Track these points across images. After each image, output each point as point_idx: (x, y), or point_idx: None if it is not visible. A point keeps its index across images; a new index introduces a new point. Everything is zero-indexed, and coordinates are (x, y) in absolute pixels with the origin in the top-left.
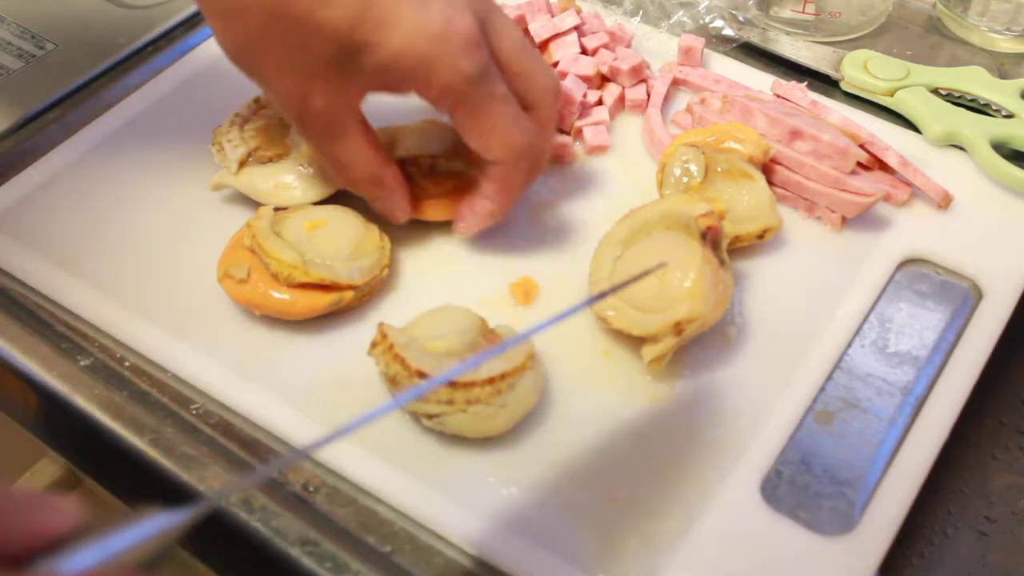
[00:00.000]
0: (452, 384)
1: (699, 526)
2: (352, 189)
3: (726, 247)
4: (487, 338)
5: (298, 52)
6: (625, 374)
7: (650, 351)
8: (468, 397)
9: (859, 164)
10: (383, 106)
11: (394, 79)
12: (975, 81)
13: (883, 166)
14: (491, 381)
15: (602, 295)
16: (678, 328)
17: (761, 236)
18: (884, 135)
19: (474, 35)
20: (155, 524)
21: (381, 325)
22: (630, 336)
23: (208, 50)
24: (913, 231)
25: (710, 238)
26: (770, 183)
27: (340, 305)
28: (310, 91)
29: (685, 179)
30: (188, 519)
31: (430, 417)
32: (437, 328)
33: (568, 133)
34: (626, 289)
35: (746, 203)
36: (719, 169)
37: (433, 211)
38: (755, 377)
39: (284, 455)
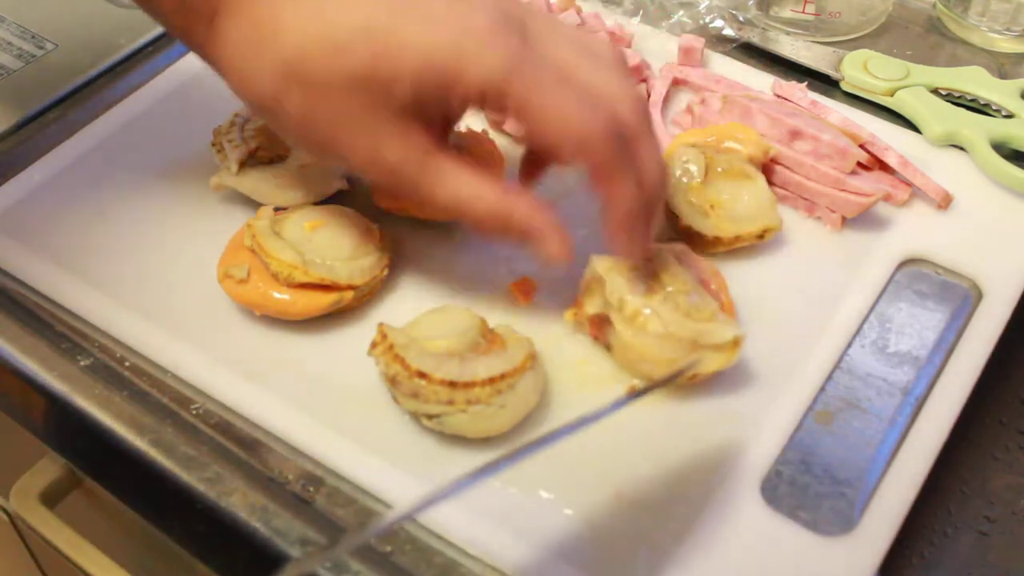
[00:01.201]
0: (452, 384)
1: (699, 526)
2: (490, 237)
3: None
4: (487, 338)
5: (341, 114)
6: (625, 374)
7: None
8: (468, 397)
9: (859, 164)
10: None
11: (431, 98)
12: (975, 81)
13: (883, 166)
14: (491, 381)
15: (641, 392)
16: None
17: (761, 236)
18: (884, 135)
19: (496, 26)
20: None
21: (381, 325)
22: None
23: None
24: (913, 231)
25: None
26: (770, 183)
27: (340, 305)
28: (378, 149)
29: (685, 179)
30: None
31: (430, 417)
32: (437, 328)
33: None
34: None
35: (746, 203)
36: (719, 169)
37: (433, 211)
38: (755, 377)
39: (382, 518)
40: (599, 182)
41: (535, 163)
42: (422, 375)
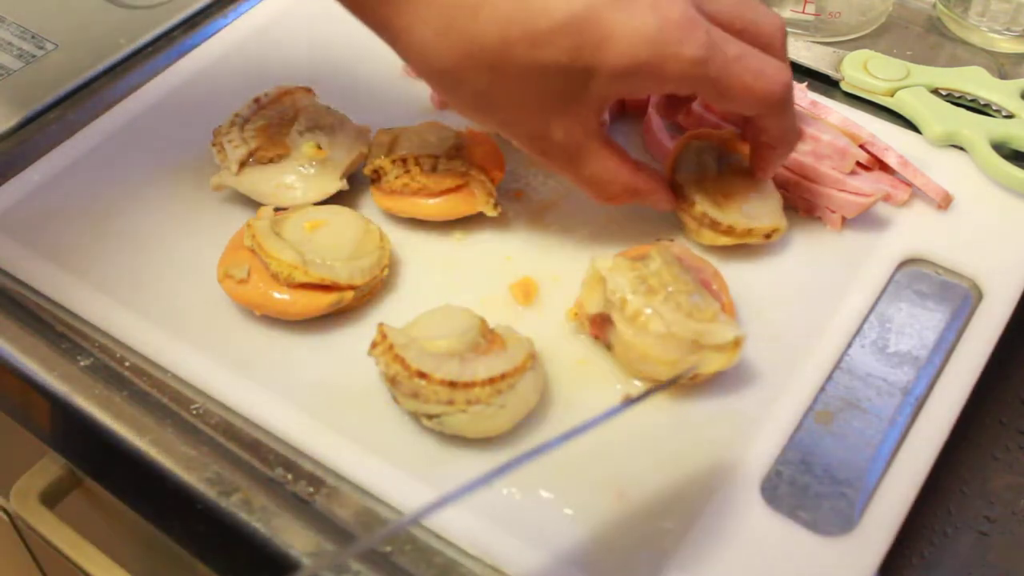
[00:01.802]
0: (452, 384)
1: (699, 526)
2: (611, 203)
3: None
4: (487, 338)
5: (528, 97)
6: (626, 374)
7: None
8: (468, 397)
9: (859, 164)
10: (384, 106)
11: (626, 90)
12: (975, 81)
13: (883, 166)
14: (491, 381)
15: (636, 400)
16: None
17: (768, 236)
18: (884, 135)
19: (688, 17)
20: None
21: (381, 325)
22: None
23: (208, 50)
24: (913, 231)
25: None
26: None
27: (340, 305)
28: (548, 127)
29: (698, 170)
30: None
31: (430, 417)
32: (437, 328)
33: None
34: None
35: (756, 201)
36: (731, 162)
37: (433, 211)
38: (755, 377)
39: (390, 524)
40: (771, 121)
41: (675, 102)
42: (422, 375)
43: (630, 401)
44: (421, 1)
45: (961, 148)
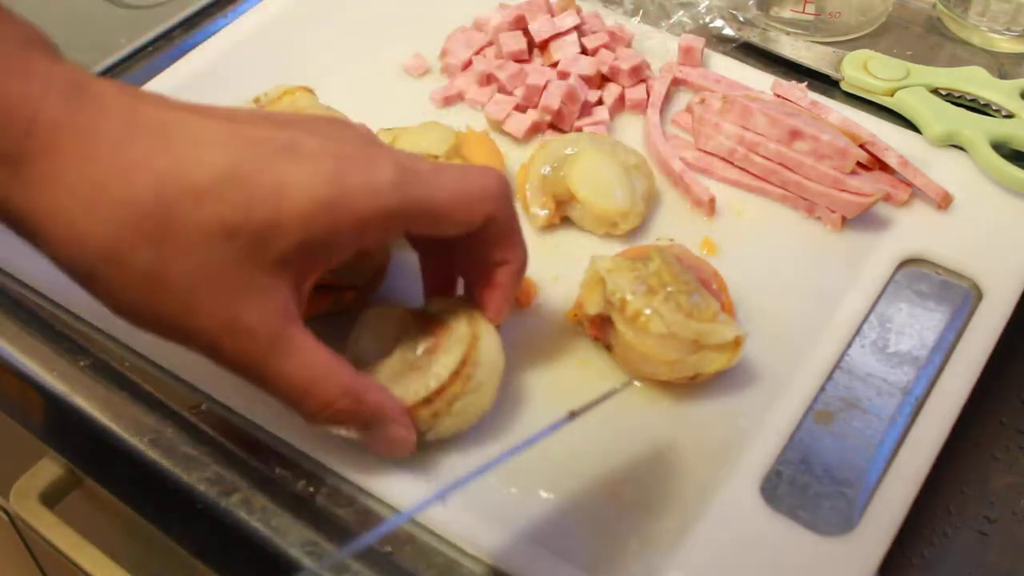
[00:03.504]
0: (427, 400)
1: (699, 526)
2: (321, 424)
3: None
4: (423, 327)
5: (205, 272)
6: (626, 374)
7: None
8: (447, 400)
9: (859, 164)
10: (384, 106)
11: (323, 246)
12: (975, 81)
13: (883, 166)
14: (456, 375)
15: (578, 414)
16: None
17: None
18: (884, 135)
19: (366, 148)
20: None
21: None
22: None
23: (208, 50)
24: (913, 231)
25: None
26: (770, 183)
27: (340, 305)
28: (237, 313)
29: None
30: None
31: (423, 434)
32: (377, 342)
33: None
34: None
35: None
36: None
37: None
38: (755, 377)
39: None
40: (505, 237)
41: (439, 273)
42: None
43: (573, 415)
44: (59, 170)
45: (961, 148)
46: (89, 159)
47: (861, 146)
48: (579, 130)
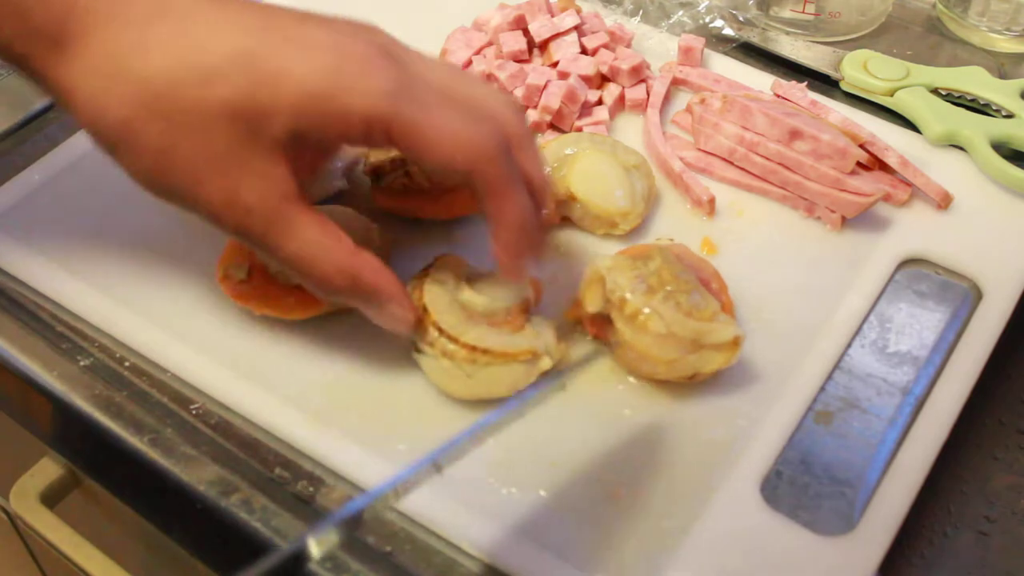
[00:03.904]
0: (440, 330)
1: (699, 526)
2: (328, 296)
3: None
4: (510, 315)
5: (208, 150)
6: (625, 373)
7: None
8: (444, 349)
9: (859, 164)
10: None
11: (314, 136)
12: (975, 81)
13: (883, 166)
14: (471, 348)
15: (554, 381)
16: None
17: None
18: (884, 135)
19: (373, 53)
20: None
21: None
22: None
23: None
24: (913, 231)
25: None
26: (770, 183)
27: (339, 305)
28: (238, 189)
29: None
30: None
31: (418, 349)
32: (490, 289)
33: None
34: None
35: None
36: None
37: (433, 211)
38: (755, 377)
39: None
40: (491, 196)
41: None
42: (426, 310)
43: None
44: (89, 47)
45: (961, 148)
46: (115, 40)
47: (861, 146)
48: (579, 130)
